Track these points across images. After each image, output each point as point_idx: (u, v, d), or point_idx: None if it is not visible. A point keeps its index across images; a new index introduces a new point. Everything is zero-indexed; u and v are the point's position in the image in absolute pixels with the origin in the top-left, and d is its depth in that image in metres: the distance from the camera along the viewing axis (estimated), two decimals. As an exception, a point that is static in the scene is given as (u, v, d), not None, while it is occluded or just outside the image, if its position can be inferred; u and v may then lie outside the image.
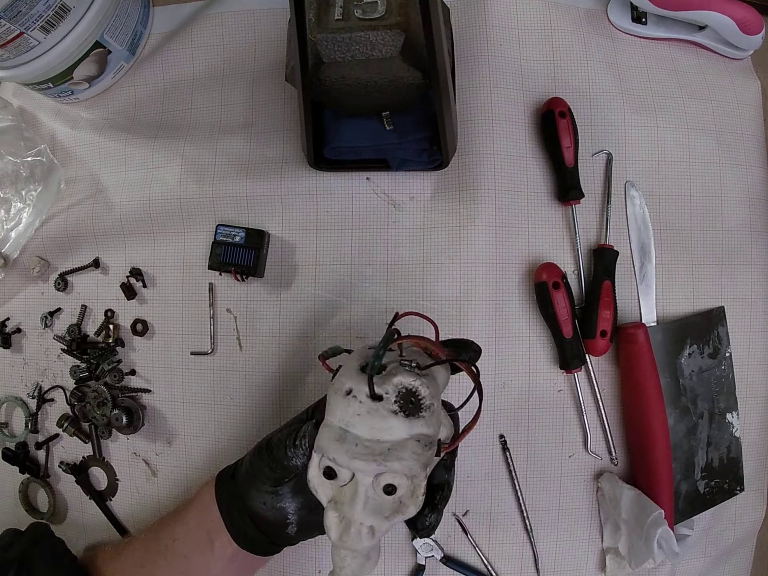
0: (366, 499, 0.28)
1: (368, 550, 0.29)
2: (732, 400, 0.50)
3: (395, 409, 0.28)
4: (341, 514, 0.28)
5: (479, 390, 0.30)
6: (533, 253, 0.49)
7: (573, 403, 0.49)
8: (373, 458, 0.27)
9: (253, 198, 0.49)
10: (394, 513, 0.29)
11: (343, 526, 0.28)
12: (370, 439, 0.28)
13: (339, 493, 0.29)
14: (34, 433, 0.53)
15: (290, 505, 0.36)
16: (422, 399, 0.29)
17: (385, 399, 0.28)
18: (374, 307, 0.49)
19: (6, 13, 0.40)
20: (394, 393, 0.28)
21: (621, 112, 0.51)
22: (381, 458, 0.27)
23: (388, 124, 0.44)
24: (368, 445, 0.28)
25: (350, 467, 0.28)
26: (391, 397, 0.28)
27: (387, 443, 0.28)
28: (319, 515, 0.36)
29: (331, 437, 0.28)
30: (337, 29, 0.35)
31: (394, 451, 0.28)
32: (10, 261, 0.54)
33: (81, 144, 0.54)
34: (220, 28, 0.53)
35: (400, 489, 0.28)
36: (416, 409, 0.28)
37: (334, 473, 0.28)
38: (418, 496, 0.29)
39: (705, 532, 0.50)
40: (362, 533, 0.28)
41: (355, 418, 0.28)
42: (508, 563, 0.48)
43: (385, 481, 0.28)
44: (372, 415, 0.28)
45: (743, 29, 0.49)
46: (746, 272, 0.52)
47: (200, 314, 0.50)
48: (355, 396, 0.28)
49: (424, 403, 0.29)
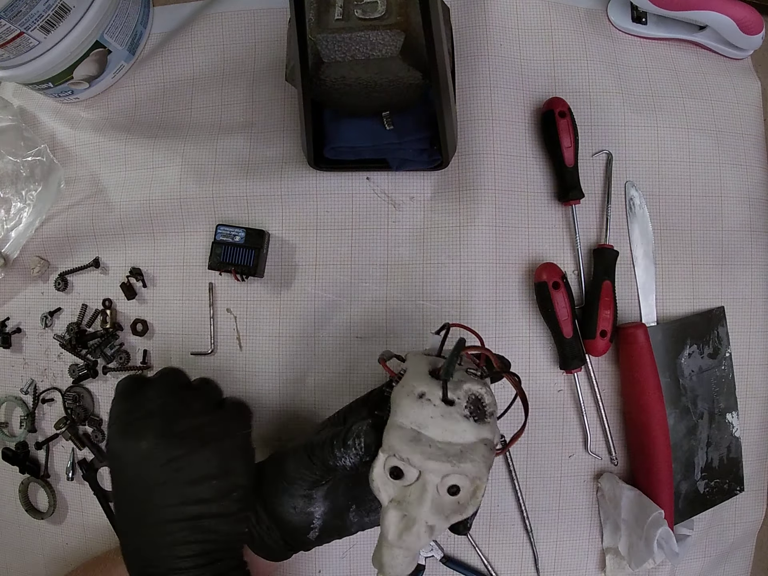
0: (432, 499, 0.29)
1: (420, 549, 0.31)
2: (732, 400, 0.50)
3: (466, 413, 0.30)
4: (403, 513, 0.29)
5: (525, 400, 0.31)
6: (533, 253, 0.49)
7: (573, 403, 0.49)
8: (447, 459, 0.28)
9: (253, 198, 0.49)
10: (454, 513, 0.30)
11: (403, 525, 0.29)
12: (443, 442, 0.29)
13: (402, 492, 0.30)
14: (32, 432, 0.53)
15: (318, 510, 0.36)
16: (486, 406, 0.31)
17: (457, 404, 0.30)
18: (374, 307, 0.49)
19: (6, 13, 0.40)
20: (464, 399, 0.30)
21: (621, 112, 0.51)
22: (455, 459, 0.28)
23: (388, 124, 0.44)
24: (441, 447, 0.29)
25: (424, 467, 0.28)
26: (462, 402, 0.30)
27: (458, 446, 0.29)
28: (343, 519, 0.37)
29: (404, 438, 0.29)
30: (337, 29, 0.35)
31: (465, 454, 0.29)
32: (10, 261, 0.54)
33: (81, 144, 0.54)
34: (220, 28, 0.53)
35: (462, 490, 0.29)
36: (483, 415, 0.30)
37: (402, 473, 0.29)
38: (478, 497, 0.30)
39: (705, 532, 0.50)
40: (422, 532, 0.29)
41: (428, 420, 0.29)
42: (508, 563, 0.48)
43: (451, 482, 0.29)
44: (446, 419, 0.29)
45: (743, 29, 0.49)
46: (746, 272, 0.52)
47: (200, 314, 0.50)
48: (429, 399, 0.30)
49: (488, 410, 0.31)
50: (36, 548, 0.54)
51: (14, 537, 0.54)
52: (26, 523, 0.53)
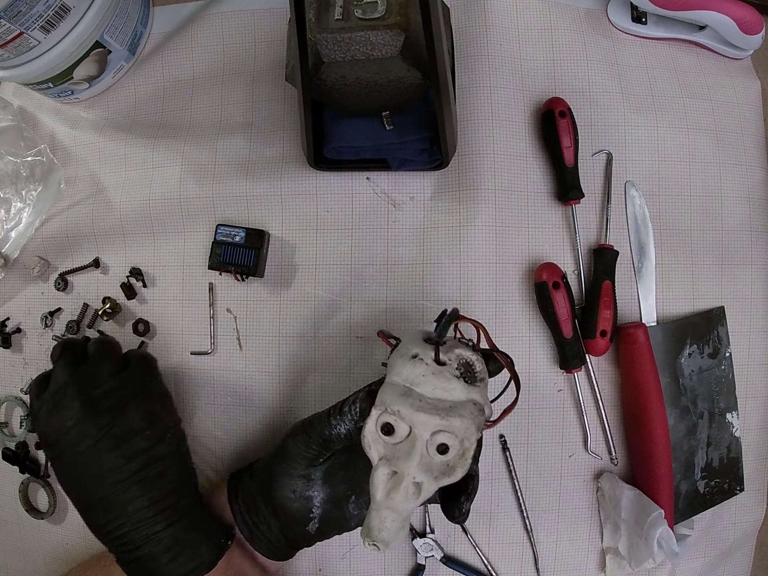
0: (421, 455, 0.30)
1: (408, 515, 0.31)
2: (732, 400, 0.51)
3: (457, 374, 0.31)
4: (393, 470, 0.30)
5: (516, 379, 0.33)
6: (533, 253, 0.49)
7: (573, 403, 0.49)
8: (437, 412, 0.29)
9: (253, 198, 0.49)
10: (443, 474, 0.30)
11: (392, 483, 0.30)
12: (433, 398, 0.30)
13: (392, 450, 0.30)
14: (32, 432, 0.53)
15: (318, 495, 0.37)
16: (477, 372, 0.32)
17: (448, 365, 0.31)
18: (374, 307, 0.49)
19: (6, 13, 0.40)
20: (455, 361, 0.32)
21: (621, 112, 0.51)
22: (444, 413, 0.29)
23: (388, 124, 0.44)
24: (431, 402, 0.30)
25: (414, 420, 0.29)
26: (453, 364, 0.31)
27: (448, 402, 0.30)
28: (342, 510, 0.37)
29: (395, 393, 0.30)
30: (337, 29, 0.35)
31: (455, 409, 0.30)
32: (10, 261, 0.54)
33: (81, 144, 0.54)
34: (220, 28, 0.53)
35: (451, 450, 0.30)
36: (473, 379, 0.32)
37: (392, 429, 0.30)
38: (467, 459, 0.30)
39: (705, 532, 0.50)
40: (410, 491, 0.29)
41: (420, 378, 0.31)
42: (508, 563, 0.48)
43: (441, 440, 0.30)
44: (437, 376, 0.31)
45: (743, 29, 0.49)
46: (746, 272, 0.52)
47: (200, 314, 0.50)
48: (422, 359, 0.31)
49: (479, 375, 0.32)
50: (36, 548, 0.54)
51: (14, 537, 0.54)
52: (26, 523, 0.53)
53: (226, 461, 0.50)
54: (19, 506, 0.53)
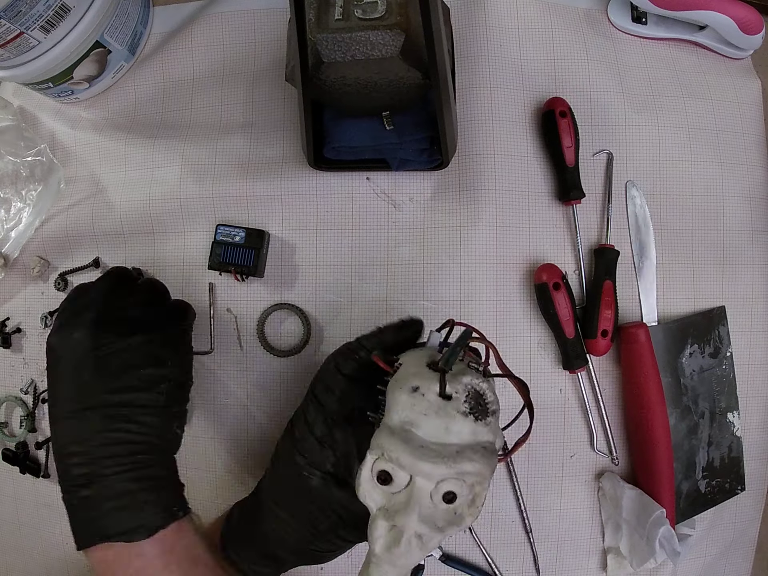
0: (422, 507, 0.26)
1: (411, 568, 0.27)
2: (733, 400, 0.50)
3: (465, 410, 0.26)
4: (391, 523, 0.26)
5: (531, 408, 0.29)
6: (534, 253, 0.49)
7: (574, 403, 0.49)
8: (443, 460, 0.25)
9: (253, 198, 0.49)
10: (449, 524, 0.27)
11: (392, 537, 0.26)
12: (436, 442, 0.26)
13: (391, 500, 0.27)
14: (32, 432, 0.53)
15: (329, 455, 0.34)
16: (489, 403, 0.28)
17: (455, 399, 0.27)
18: (374, 307, 0.49)
19: (6, 12, 0.40)
20: (463, 393, 0.27)
21: (621, 111, 0.51)
22: (451, 461, 0.25)
23: (388, 124, 0.44)
24: (435, 448, 0.26)
25: (415, 469, 0.26)
26: (461, 396, 0.27)
27: (454, 446, 0.26)
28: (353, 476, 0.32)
29: (392, 436, 0.26)
30: (337, 29, 0.35)
31: (463, 453, 0.26)
32: (10, 261, 0.54)
33: (81, 144, 0.54)
34: (220, 28, 0.53)
35: (459, 498, 0.26)
36: (484, 413, 0.27)
37: (390, 478, 0.27)
38: (477, 506, 0.27)
39: (706, 531, 0.50)
40: (412, 545, 0.26)
41: (421, 417, 0.26)
42: (508, 563, 0.48)
43: (447, 488, 0.26)
44: (440, 416, 0.26)
45: (743, 29, 0.49)
46: (747, 272, 0.52)
47: (200, 314, 0.50)
48: (423, 394, 0.27)
49: (490, 408, 0.27)
50: (36, 548, 0.54)
51: (14, 537, 0.54)
52: (26, 523, 0.53)
53: (223, 461, 0.50)
54: (19, 506, 0.53)
